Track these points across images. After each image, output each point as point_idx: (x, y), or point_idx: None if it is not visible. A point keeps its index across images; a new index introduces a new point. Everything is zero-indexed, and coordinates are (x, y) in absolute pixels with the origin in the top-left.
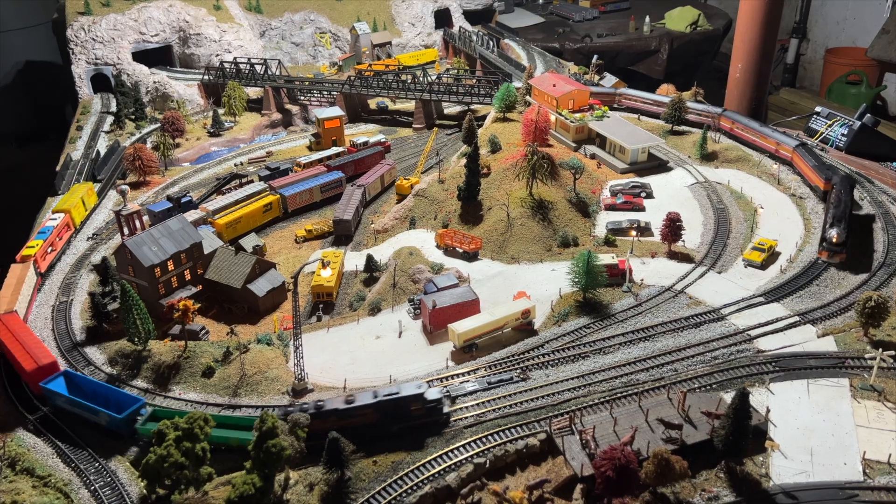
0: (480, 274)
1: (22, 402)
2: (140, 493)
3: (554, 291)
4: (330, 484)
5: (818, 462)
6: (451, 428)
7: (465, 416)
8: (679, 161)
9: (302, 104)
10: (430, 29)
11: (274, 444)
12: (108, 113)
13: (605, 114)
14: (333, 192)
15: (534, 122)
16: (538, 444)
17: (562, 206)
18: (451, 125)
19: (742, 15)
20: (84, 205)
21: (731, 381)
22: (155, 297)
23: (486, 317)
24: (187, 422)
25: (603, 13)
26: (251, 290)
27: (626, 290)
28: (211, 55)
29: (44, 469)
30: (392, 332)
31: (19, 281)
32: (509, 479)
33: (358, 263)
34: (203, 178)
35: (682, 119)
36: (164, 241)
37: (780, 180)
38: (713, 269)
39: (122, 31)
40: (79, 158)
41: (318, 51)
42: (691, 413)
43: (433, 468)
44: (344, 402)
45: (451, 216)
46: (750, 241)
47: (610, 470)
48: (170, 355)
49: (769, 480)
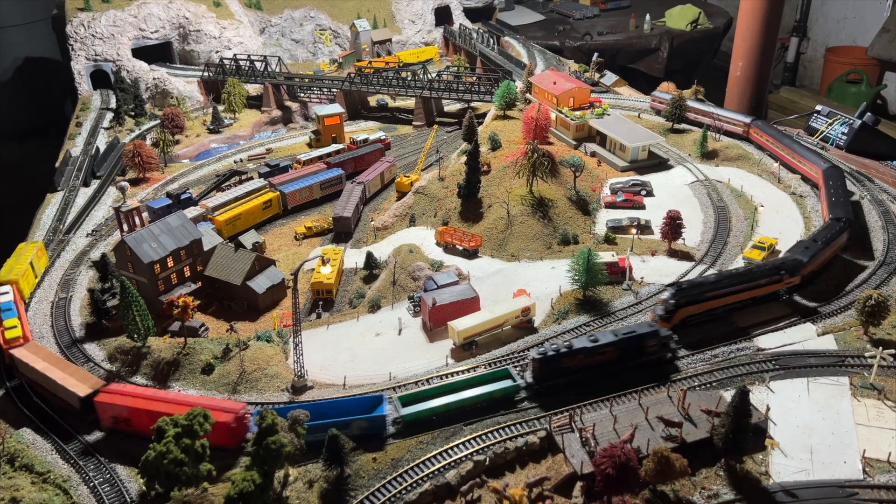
0: (480, 271)
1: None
2: (139, 489)
3: (554, 289)
4: (329, 481)
5: (818, 460)
6: (674, 367)
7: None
8: (679, 159)
9: (302, 101)
10: (430, 26)
11: (274, 441)
12: (107, 109)
13: (606, 111)
14: (333, 189)
15: (534, 120)
16: (538, 442)
17: (562, 204)
18: (451, 122)
19: (743, 13)
20: (34, 270)
21: (731, 380)
22: (154, 293)
23: (486, 314)
24: (187, 418)
25: (603, 11)
26: (251, 286)
27: (626, 288)
28: (211, 52)
29: (43, 465)
30: (392, 330)
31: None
32: (509, 476)
33: (358, 261)
34: (203, 174)
35: (682, 117)
36: (164, 238)
37: (780, 178)
38: (713, 267)
39: (121, 28)
40: (78, 155)
41: (318, 48)
42: (691, 411)
43: (433, 465)
44: (589, 341)
45: (451, 214)
46: (750, 239)
47: (610, 467)
48: (169, 352)
49: (769, 478)
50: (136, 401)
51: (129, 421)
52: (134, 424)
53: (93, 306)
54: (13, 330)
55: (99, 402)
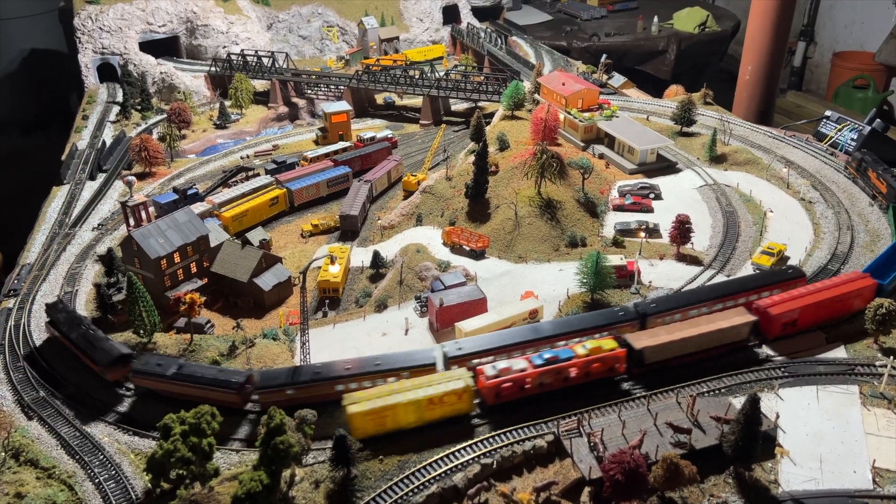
0: (487, 272)
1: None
2: (144, 486)
3: (561, 292)
4: (336, 482)
5: (827, 469)
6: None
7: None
8: (688, 163)
9: (309, 98)
10: (437, 25)
11: (282, 441)
12: (113, 103)
13: (615, 114)
14: (340, 186)
15: (543, 121)
16: (546, 446)
17: (570, 206)
18: (458, 122)
19: (753, 15)
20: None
21: (740, 386)
22: (160, 289)
23: (494, 316)
24: (194, 416)
25: (611, 12)
26: (257, 284)
27: (635, 292)
28: (218, 47)
29: (48, 461)
30: (398, 330)
31: None
32: (516, 480)
33: (364, 259)
34: (209, 170)
35: (690, 120)
36: (171, 233)
37: (789, 184)
38: (722, 272)
39: (129, 21)
40: (84, 148)
41: (326, 45)
42: (700, 417)
43: (440, 468)
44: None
45: (458, 214)
46: (759, 244)
47: (619, 473)
48: (175, 348)
49: (778, 487)
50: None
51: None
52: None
53: (99, 301)
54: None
55: (775, 313)
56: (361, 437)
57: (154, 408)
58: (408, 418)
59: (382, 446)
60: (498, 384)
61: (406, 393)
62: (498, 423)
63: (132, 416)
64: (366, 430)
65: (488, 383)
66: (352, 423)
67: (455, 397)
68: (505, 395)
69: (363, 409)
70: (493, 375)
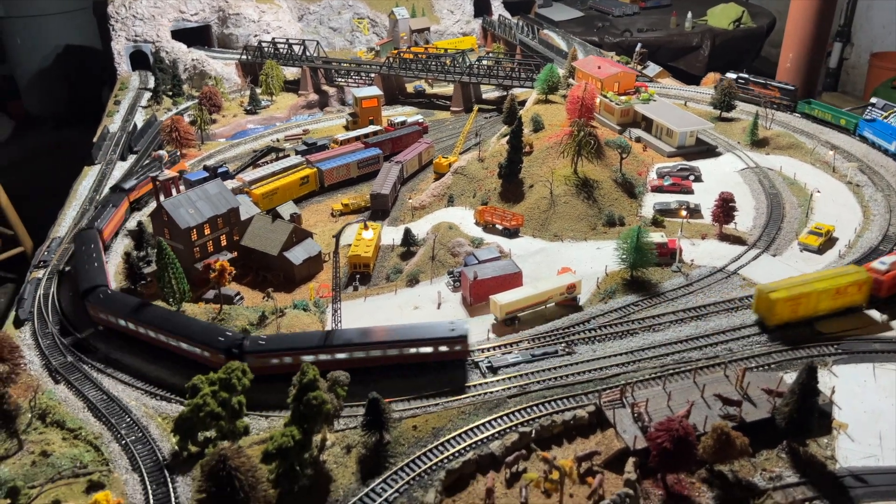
0: (522, 250)
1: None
2: (171, 448)
3: (599, 269)
4: (368, 447)
5: (888, 446)
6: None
7: (509, 386)
8: (728, 146)
9: (339, 86)
10: (468, 17)
11: (315, 397)
12: (145, 89)
13: (652, 97)
14: (370, 168)
15: (580, 99)
16: (586, 417)
17: (607, 186)
18: (489, 109)
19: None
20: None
21: (790, 362)
22: (190, 260)
23: (530, 289)
24: (225, 372)
25: (643, 9)
26: (287, 257)
27: (676, 270)
28: (249, 35)
29: (74, 422)
30: (431, 304)
31: None
32: (556, 450)
33: (395, 237)
34: (239, 152)
35: (731, 105)
36: (201, 204)
37: (834, 168)
38: (767, 251)
39: (162, 10)
40: (116, 131)
41: (356, 36)
42: (750, 390)
43: (476, 436)
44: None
45: (490, 194)
46: (805, 225)
47: (667, 441)
48: (204, 317)
49: (835, 463)
50: None
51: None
52: None
53: (128, 271)
54: None
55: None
56: (777, 322)
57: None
58: (819, 305)
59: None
60: (893, 276)
61: (820, 282)
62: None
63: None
64: (782, 317)
65: (886, 276)
66: (774, 308)
67: (856, 288)
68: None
69: (785, 295)
70: (884, 270)
